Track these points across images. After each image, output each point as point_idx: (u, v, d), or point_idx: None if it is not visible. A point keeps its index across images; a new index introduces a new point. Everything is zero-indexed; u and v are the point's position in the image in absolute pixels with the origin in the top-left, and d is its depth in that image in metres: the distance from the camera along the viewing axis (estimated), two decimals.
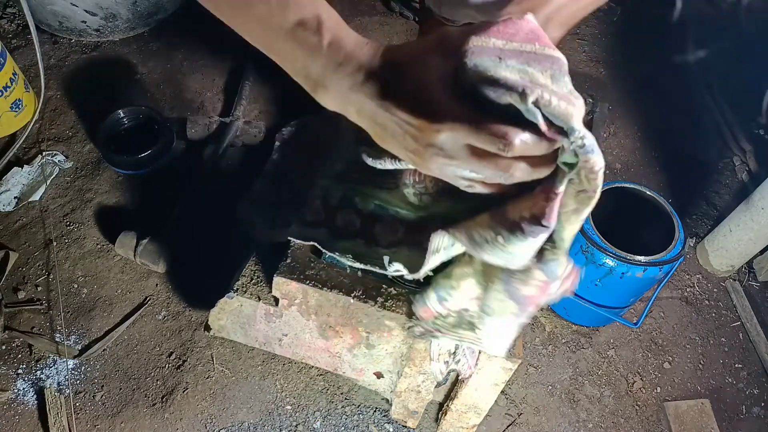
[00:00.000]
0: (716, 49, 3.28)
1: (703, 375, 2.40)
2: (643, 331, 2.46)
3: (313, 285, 1.56)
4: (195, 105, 2.90)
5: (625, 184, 2.20)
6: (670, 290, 2.58)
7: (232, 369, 2.18)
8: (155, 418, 2.07)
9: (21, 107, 2.68)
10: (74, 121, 2.79)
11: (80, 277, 2.35)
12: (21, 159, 2.64)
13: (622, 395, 2.31)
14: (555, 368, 2.33)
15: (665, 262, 2.04)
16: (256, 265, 1.71)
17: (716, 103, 3.17)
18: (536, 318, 2.43)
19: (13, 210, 2.48)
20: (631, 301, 2.31)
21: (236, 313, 1.73)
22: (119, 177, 2.62)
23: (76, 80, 2.93)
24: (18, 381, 2.11)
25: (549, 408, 2.25)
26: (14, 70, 2.62)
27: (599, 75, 3.31)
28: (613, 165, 2.96)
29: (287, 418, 2.11)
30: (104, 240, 2.44)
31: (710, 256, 2.62)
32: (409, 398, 1.80)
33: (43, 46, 2.96)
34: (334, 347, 1.74)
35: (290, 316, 1.68)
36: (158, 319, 2.28)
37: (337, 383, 2.18)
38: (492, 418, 2.17)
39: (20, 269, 2.35)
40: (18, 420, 2.04)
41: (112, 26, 3.01)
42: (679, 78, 3.31)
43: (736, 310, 2.56)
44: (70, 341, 2.21)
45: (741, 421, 2.31)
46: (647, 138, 3.08)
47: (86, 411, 2.07)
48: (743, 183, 2.91)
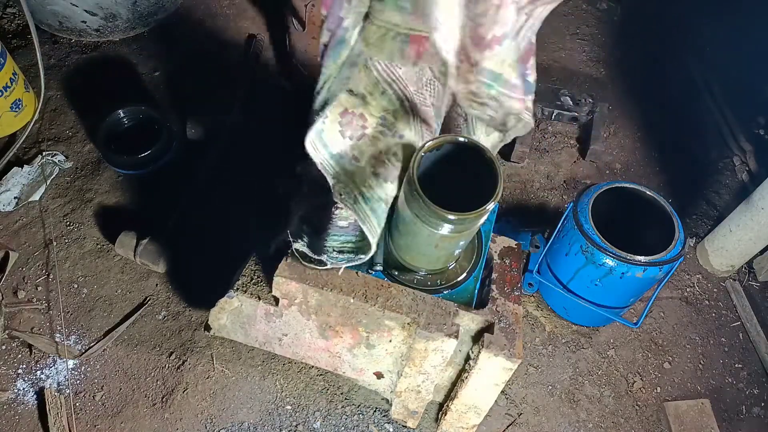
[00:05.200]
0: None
1: (703, 375, 2.40)
2: (643, 331, 2.46)
3: (313, 285, 1.56)
4: (195, 105, 2.89)
5: (625, 184, 2.20)
6: (670, 290, 2.58)
7: (232, 369, 2.18)
8: (155, 418, 2.07)
9: (21, 107, 2.68)
10: (74, 121, 2.79)
11: (80, 277, 2.35)
12: (21, 159, 2.64)
13: (622, 395, 2.31)
14: (555, 368, 2.33)
15: (665, 262, 2.04)
16: (256, 265, 1.71)
17: (716, 103, 3.17)
18: (536, 318, 2.44)
19: (13, 210, 2.48)
20: (631, 301, 2.31)
21: (236, 312, 1.73)
22: (119, 177, 2.62)
23: (76, 80, 2.93)
24: (18, 381, 2.11)
25: (549, 408, 2.25)
26: (14, 70, 2.62)
27: (599, 75, 3.31)
28: (613, 165, 2.96)
29: (287, 418, 2.11)
30: (104, 240, 2.44)
31: (710, 256, 2.62)
32: (409, 398, 1.80)
33: (43, 46, 2.96)
34: (334, 347, 1.74)
35: (290, 316, 1.68)
36: (158, 319, 2.28)
37: (337, 383, 2.18)
38: (492, 418, 2.17)
39: (20, 269, 2.35)
40: (18, 420, 2.04)
41: (112, 26, 3.01)
42: (679, 78, 3.31)
43: (736, 310, 2.56)
44: (70, 341, 2.21)
45: (741, 421, 2.31)
46: (647, 138, 3.08)
47: (86, 411, 2.07)
48: (743, 183, 2.91)
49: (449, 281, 1.73)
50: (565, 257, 2.20)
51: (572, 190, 2.83)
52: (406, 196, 1.46)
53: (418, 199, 1.40)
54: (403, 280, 1.70)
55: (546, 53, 3.35)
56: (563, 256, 2.21)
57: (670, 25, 3.50)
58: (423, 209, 1.41)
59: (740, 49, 3.28)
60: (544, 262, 2.38)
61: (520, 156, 2.82)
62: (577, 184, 2.85)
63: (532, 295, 2.47)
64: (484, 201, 1.39)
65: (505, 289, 1.74)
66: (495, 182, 1.41)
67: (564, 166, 2.91)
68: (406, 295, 1.59)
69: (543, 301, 2.47)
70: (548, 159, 2.92)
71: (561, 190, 2.83)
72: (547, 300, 2.46)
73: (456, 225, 1.43)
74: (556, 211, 2.73)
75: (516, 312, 1.69)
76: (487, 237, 1.80)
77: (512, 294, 1.73)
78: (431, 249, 1.58)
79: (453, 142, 1.47)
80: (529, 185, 2.82)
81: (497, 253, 1.84)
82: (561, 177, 2.87)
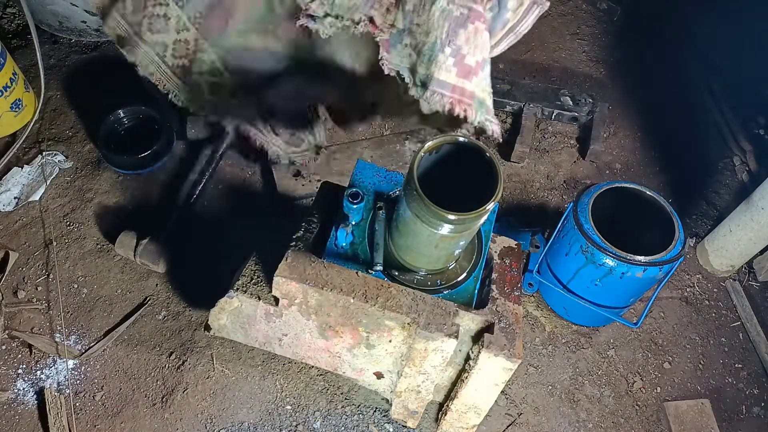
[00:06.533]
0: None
1: (703, 375, 2.40)
2: (643, 331, 2.46)
3: (313, 285, 1.56)
4: None
5: (625, 184, 2.20)
6: (670, 290, 2.58)
7: (232, 369, 2.18)
8: (155, 418, 2.07)
9: (21, 107, 2.68)
10: (74, 121, 2.79)
11: (80, 277, 2.35)
12: (21, 159, 2.64)
13: (622, 395, 2.31)
14: (555, 368, 2.34)
15: (665, 262, 2.04)
16: (256, 265, 1.71)
17: (716, 103, 3.17)
18: (536, 318, 2.44)
19: (13, 210, 2.48)
20: (631, 301, 2.31)
21: (236, 312, 1.73)
22: (119, 177, 2.62)
23: (76, 80, 2.93)
24: (18, 381, 2.11)
25: (549, 408, 2.25)
26: (14, 70, 2.62)
27: (599, 75, 3.31)
28: (613, 165, 2.96)
29: (287, 418, 2.11)
30: (104, 240, 2.44)
31: (710, 256, 2.62)
32: (409, 398, 1.80)
33: (43, 46, 2.96)
34: (334, 347, 1.74)
35: (290, 316, 1.68)
36: (158, 319, 2.28)
37: (337, 383, 2.18)
38: (492, 418, 2.17)
39: (20, 269, 2.35)
40: (18, 420, 2.04)
41: None
42: (679, 78, 3.31)
43: (736, 310, 2.56)
44: (70, 341, 2.21)
45: (741, 421, 2.31)
46: (647, 138, 3.08)
47: (86, 411, 2.07)
48: (743, 183, 2.91)
49: (449, 281, 1.73)
50: (565, 257, 2.20)
51: (572, 190, 2.83)
52: (406, 196, 1.47)
53: (418, 199, 1.40)
54: (403, 280, 1.70)
55: (546, 53, 3.35)
56: (563, 256, 2.21)
57: (670, 25, 3.50)
58: (423, 209, 1.41)
59: (740, 49, 3.28)
60: (544, 262, 2.38)
61: (520, 156, 2.82)
62: (577, 184, 2.85)
63: (532, 295, 2.47)
64: (484, 201, 1.39)
65: (505, 289, 1.74)
66: (495, 182, 1.41)
67: (564, 166, 2.91)
68: (406, 295, 1.59)
69: (543, 301, 2.47)
70: (548, 159, 2.92)
71: (561, 190, 2.83)
72: (547, 300, 2.46)
73: (456, 225, 1.43)
74: (556, 211, 2.73)
75: (516, 312, 1.69)
76: (487, 237, 1.81)
77: (512, 294, 1.73)
78: (431, 249, 1.58)
79: (453, 143, 1.47)
80: (529, 185, 2.82)
81: (497, 253, 1.84)
82: (561, 177, 2.87)
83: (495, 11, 1.71)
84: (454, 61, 1.58)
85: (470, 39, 1.58)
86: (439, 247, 1.56)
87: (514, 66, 3.25)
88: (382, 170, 1.90)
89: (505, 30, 1.74)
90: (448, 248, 1.60)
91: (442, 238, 1.49)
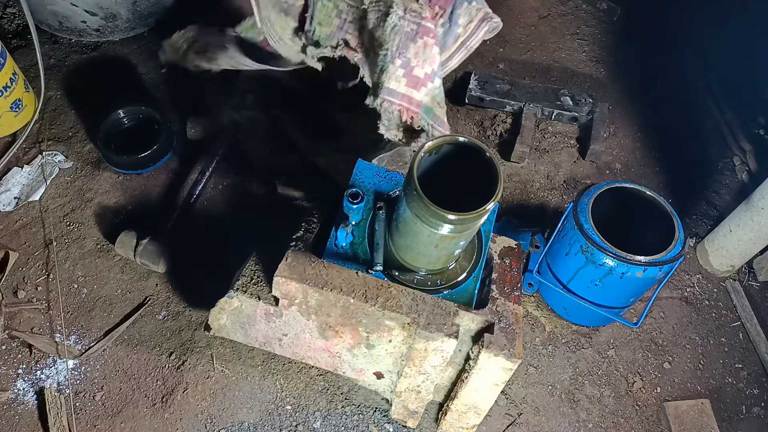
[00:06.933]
0: None
1: (703, 375, 2.40)
2: (643, 331, 2.46)
3: (313, 285, 1.56)
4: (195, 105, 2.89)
5: (625, 184, 2.20)
6: (670, 290, 2.58)
7: (232, 369, 2.18)
8: (155, 418, 2.07)
9: (21, 107, 2.68)
10: (74, 121, 2.78)
11: (80, 277, 2.35)
12: (21, 159, 2.64)
13: (622, 395, 2.31)
14: (555, 368, 2.34)
15: (665, 262, 2.04)
16: (256, 265, 1.71)
17: (716, 103, 3.17)
18: (536, 318, 2.44)
19: (13, 210, 2.48)
20: (631, 301, 2.31)
21: (236, 312, 1.73)
22: (119, 177, 2.62)
23: (76, 80, 2.93)
24: (18, 381, 2.11)
25: (549, 408, 2.25)
26: (14, 70, 2.62)
27: (599, 75, 3.31)
28: (613, 165, 2.96)
29: (287, 418, 2.11)
30: (104, 240, 2.44)
31: (710, 256, 2.62)
32: (409, 398, 1.80)
33: (43, 46, 2.96)
34: (334, 347, 1.74)
35: (290, 316, 1.68)
36: (158, 319, 2.28)
37: (337, 383, 2.18)
38: (492, 418, 2.17)
39: (20, 269, 2.35)
40: (18, 420, 2.04)
41: (112, 26, 3.00)
42: (679, 78, 3.31)
43: (736, 310, 2.56)
44: (70, 341, 2.21)
45: (741, 421, 2.31)
46: (647, 138, 3.08)
47: (86, 411, 2.07)
48: (743, 183, 2.91)
49: (449, 281, 1.73)
50: (565, 257, 2.20)
51: (572, 190, 2.83)
52: (407, 196, 1.47)
53: (418, 199, 1.40)
54: (403, 280, 1.70)
55: (546, 53, 3.35)
56: (563, 256, 2.21)
57: (671, 25, 3.50)
58: (423, 209, 1.41)
59: (740, 49, 3.28)
60: (544, 262, 2.38)
61: (520, 156, 2.82)
62: (577, 184, 2.85)
63: (532, 295, 2.47)
64: (484, 201, 1.39)
65: (505, 289, 1.74)
66: (495, 182, 1.41)
67: (564, 166, 2.91)
68: (406, 295, 1.59)
69: (543, 301, 2.47)
70: (548, 159, 2.92)
71: (561, 190, 2.83)
72: (547, 300, 2.46)
73: (456, 225, 1.43)
74: (556, 211, 2.73)
75: (516, 312, 1.69)
76: (487, 237, 1.81)
77: (512, 294, 1.73)
78: (431, 249, 1.58)
79: (453, 143, 1.47)
80: (529, 185, 2.82)
81: (497, 253, 1.84)
82: (561, 177, 2.87)
83: (446, 27, 1.82)
84: (404, 72, 1.72)
85: (419, 53, 1.72)
86: (439, 247, 1.56)
87: (514, 66, 3.25)
88: (382, 170, 1.91)
89: (457, 44, 1.87)
90: (448, 248, 1.60)
91: (442, 238, 1.49)
